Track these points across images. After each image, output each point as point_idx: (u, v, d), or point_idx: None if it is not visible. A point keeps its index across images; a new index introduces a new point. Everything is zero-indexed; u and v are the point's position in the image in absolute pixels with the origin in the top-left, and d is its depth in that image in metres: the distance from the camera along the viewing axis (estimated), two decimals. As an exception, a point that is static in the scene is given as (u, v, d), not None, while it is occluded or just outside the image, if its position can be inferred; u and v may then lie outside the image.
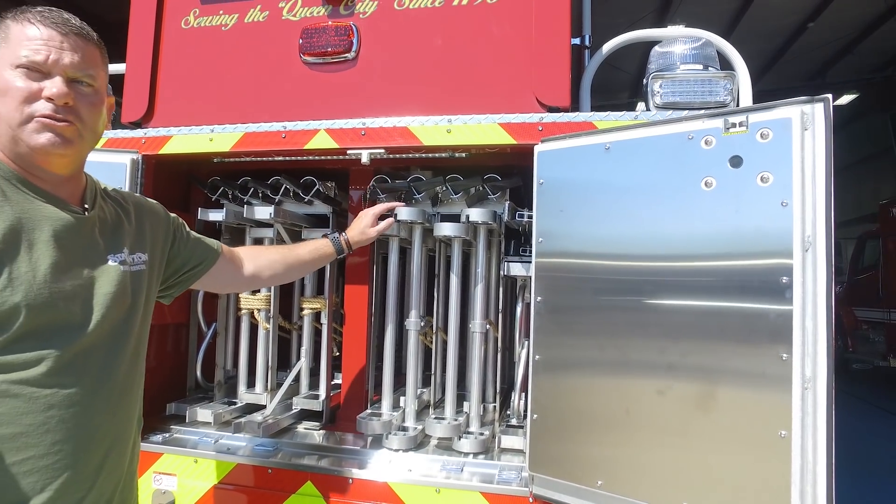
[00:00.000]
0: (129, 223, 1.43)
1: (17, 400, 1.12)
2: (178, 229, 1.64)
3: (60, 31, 1.21)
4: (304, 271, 2.07)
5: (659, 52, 2.09)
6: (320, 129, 2.19)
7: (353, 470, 2.10)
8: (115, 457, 1.30)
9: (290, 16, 2.35)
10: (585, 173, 1.84)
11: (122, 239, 1.38)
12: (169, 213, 1.62)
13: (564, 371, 1.86)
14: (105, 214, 1.37)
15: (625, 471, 1.70)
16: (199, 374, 2.71)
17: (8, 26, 1.20)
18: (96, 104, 1.27)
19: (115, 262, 1.33)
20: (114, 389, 1.28)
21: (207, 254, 1.69)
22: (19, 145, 1.19)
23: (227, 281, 1.84)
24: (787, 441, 1.47)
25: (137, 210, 1.49)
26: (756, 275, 1.52)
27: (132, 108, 2.46)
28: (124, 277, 1.34)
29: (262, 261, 1.86)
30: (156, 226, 1.53)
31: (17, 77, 1.17)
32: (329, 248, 2.02)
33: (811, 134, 1.52)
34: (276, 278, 1.94)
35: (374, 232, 2.13)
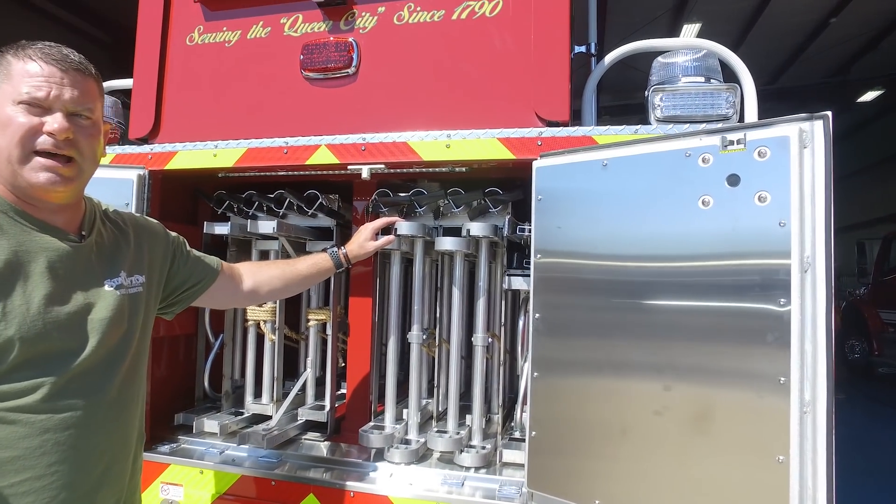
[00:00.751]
0: (127, 245, 1.46)
1: (15, 426, 1.16)
2: (179, 248, 1.67)
3: (60, 67, 1.24)
4: (303, 286, 2.07)
5: (661, 64, 2.07)
6: (321, 145, 2.20)
7: (355, 483, 2.11)
8: (113, 474, 1.33)
9: (292, 32, 2.37)
10: (583, 189, 1.83)
11: (120, 262, 1.41)
12: (169, 233, 1.66)
13: (562, 388, 1.85)
14: (103, 238, 1.40)
15: (622, 491, 1.69)
16: (207, 385, 2.75)
17: (9, 62, 1.23)
18: (94, 135, 1.32)
19: (112, 286, 1.36)
20: (109, 409, 1.31)
21: (206, 273, 1.72)
22: (18, 179, 1.22)
23: (227, 298, 1.87)
24: (785, 466, 1.44)
25: (136, 231, 1.52)
26: (753, 296, 1.50)
27: (139, 125, 2.50)
28: (121, 301, 1.37)
29: (261, 277, 1.88)
30: (154, 246, 1.56)
31: (18, 113, 1.20)
32: (328, 263, 2.04)
33: (810, 152, 1.49)
34: (274, 293, 1.95)
35: (372, 246, 2.14)
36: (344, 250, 2.09)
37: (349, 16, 2.32)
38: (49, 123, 1.21)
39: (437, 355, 2.56)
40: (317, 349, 2.69)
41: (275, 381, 2.60)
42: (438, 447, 2.25)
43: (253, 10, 2.43)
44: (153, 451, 2.32)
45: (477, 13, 2.19)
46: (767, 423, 1.46)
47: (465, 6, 2.20)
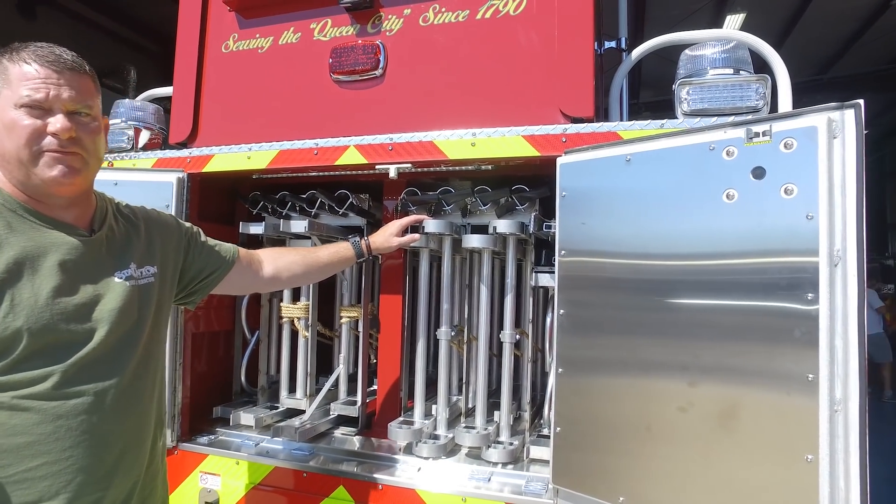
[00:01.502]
0: (138, 238, 1.51)
1: (29, 413, 1.22)
2: (193, 238, 1.71)
3: (55, 68, 1.28)
4: (323, 273, 2.09)
5: (688, 57, 2.03)
6: (350, 146, 2.25)
7: (384, 476, 2.16)
8: (129, 459, 1.38)
9: (321, 36, 2.44)
10: (607, 185, 1.82)
11: (131, 255, 1.46)
12: (182, 224, 1.71)
13: (587, 384, 1.84)
14: (114, 233, 1.45)
15: (647, 488, 1.67)
16: (244, 380, 2.85)
17: (6, 67, 1.27)
18: (95, 130, 1.36)
19: (122, 278, 1.41)
20: (122, 396, 1.35)
21: (222, 261, 1.76)
22: (31, 178, 1.28)
23: (247, 284, 1.90)
24: (814, 465, 1.40)
25: (147, 224, 1.57)
26: (780, 291, 1.46)
27: (178, 130, 2.62)
28: (131, 292, 1.41)
29: (281, 263, 1.91)
30: (166, 238, 1.60)
31: (21, 116, 1.25)
32: (349, 252, 2.06)
33: (840, 142, 1.44)
34: (295, 279, 1.98)
35: (397, 242, 2.16)
36: (367, 241, 2.12)
37: (376, 19, 2.37)
38: (52, 124, 1.27)
39: (466, 352, 2.58)
40: (349, 346, 2.76)
41: (308, 376, 2.68)
42: (466, 443, 2.27)
43: (284, 16, 2.51)
44: (193, 443, 2.43)
45: (501, 12, 2.20)
46: (795, 420, 1.43)
47: (489, 5, 2.21)
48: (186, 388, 2.48)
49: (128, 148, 2.65)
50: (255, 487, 2.29)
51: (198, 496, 2.38)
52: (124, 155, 2.61)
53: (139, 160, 2.57)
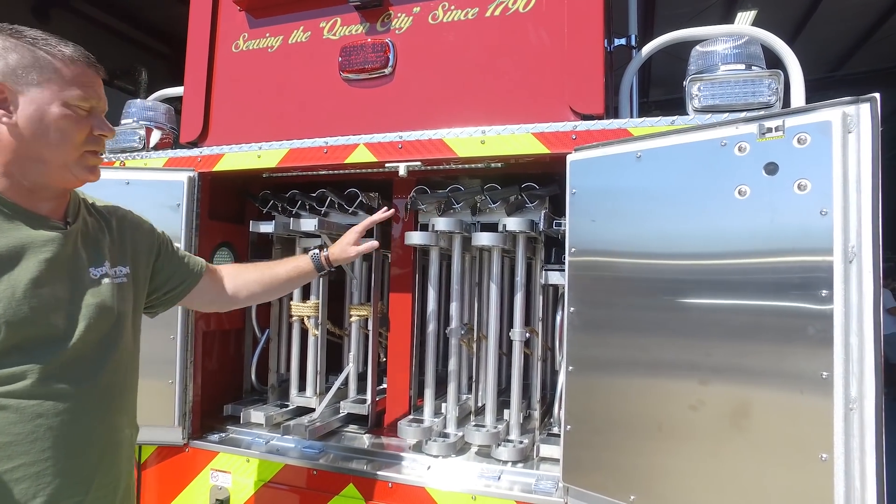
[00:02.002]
0: (111, 236, 1.46)
1: (5, 411, 1.17)
2: (164, 245, 1.65)
3: (96, 72, 1.31)
4: (284, 289, 2.02)
5: (699, 53, 2.01)
6: (359, 144, 2.26)
7: (393, 474, 2.16)
8: (108, 461, 1.34)
9: (331, 35, 2.44)
10: (617, 182, 1.81)
11: (104, 252, 1.41)
12: (155, 229, 1.65)
13: (598, 382, 1.83)
14: (88, 228, 1.40)
15: (658, 487, 1.66)
16: (254, 378, 2.86)
17: (50, 61, 1.24)
18: None
19: (97, 274, 1.36)
20: (101, 397, 1.31)
21: (190, 273, 1.70)
22: (66, 175, 1.29)
23: (209, 300, 1.82)
24: (829, 465, 1.39)
25: (120, 223, 1.51)
26: (793, 288, 1.45)
27: (189, 129, 2.63)
28: (108, 290, 1.37)
29: (240, 281, 1.85)
30: (139, 240, 1.55)
31: (73, 115, 1.26)
32: (309, 266, 1.98)
33: (855, 137, 1.42)
34: (254, 298, 1.92)
35: (354, 251, 2.06)
36: (326, 253, 2.03)
37: (385, 17, 2.37)
38: (99, 126, 1.31)
39: (475, 350, 2.58)
40: (359, 344, 2.76)
41: (318, 374, 2.69)
42: (476, 441, 2.27)
43: (294, 15, 2.51)
44: (204, 440, 2.44)
45: (510, 9, 2.20)
46: (809, 419, 1.41)
47: (498, 3, 2.21)
48: (197, 386, 2.49)
49: (139, 147, 2.67)
50: (265, 485, 2.30)
51: (209, 493, 2.40)
52: (136, 154, 2.63)
53: (150, 159, 2.58)
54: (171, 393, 2.37)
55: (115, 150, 2.70)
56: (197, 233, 2.43)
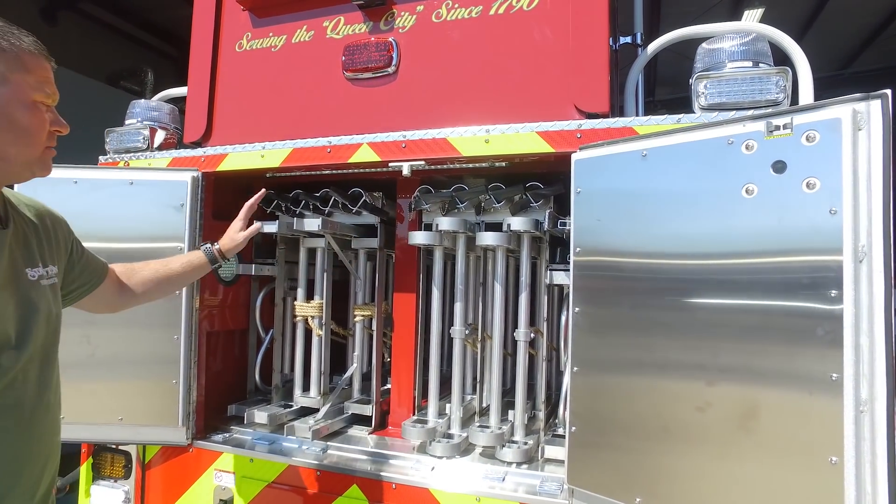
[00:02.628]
0: (43, 235, 1.40)
1: None
2: (74, 244, 1.59)
3: (51, 63, 1.25)
4: (180, 284, 2.01)
5: (705, 50, 1.98)
6: (363, 143, 2.25)
7: (397, 475, 2.15)
8: (51, 464, 1.34)
9: (334, 34, 2.43)
10: (623, 181, 1.79)
11: (36, 252, 1.35)
12: (69, 227, 1.57)
13: (603, 383, 1.81)
14: (18, 227, 1.32)
15: (664, 489, 1.64)
16: (258, 378, 2.86)
17: (16, 54, 1.18)
18: None
19: (35, 276, 1.31)
20: (49, 402, 1.31)
21: (94, 274, 1.65)
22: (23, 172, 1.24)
23: (106, 302, 1.75)
24: (839, 468, 1.36)
25: (45, 221, 1.44)
26: (801, 288, 1.42)
27: (193, 129, 2.63)
28: (45, 292, 1.33)
29: (135, 280, 1.80)
30: (60, 237, 1.49)
31: (40, 112, 1.21)
32: (202, 259, 1.97)
33: (866, 134, 1.40)
34: (150, 294, 1.86)
35: (241, 237, 2.06)
36: (217, 245, 2.02)
37: (389, 16, 2.36)
38: (56, 123, 1.25)
39: (480, 350, 2.56)
40: (363, 344, 2.75)
41: (322, 375, 2.68)
42: (480, 442, 2.25)
43: (297, 15, 2.51)
44: (207, 440, 2.44)
45: (514, 7, 2.18)
46: (818, 421, 1.38)
47: (502, 1, 2.19)
48: (201, 386, 2.49)
49: (143, 148, 2.67)
50: (269, 486, 2.30)
51: (212, 494, 2.39)
52: (140, 154, 2.63)
53: (154, 159, 2.58)
54: (174, 393, 2.37)
55: (119, 150, 2.70)
56: (200, 233, 2.42)
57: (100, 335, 2.31)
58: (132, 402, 2.36)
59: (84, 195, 2.33)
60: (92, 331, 2.29)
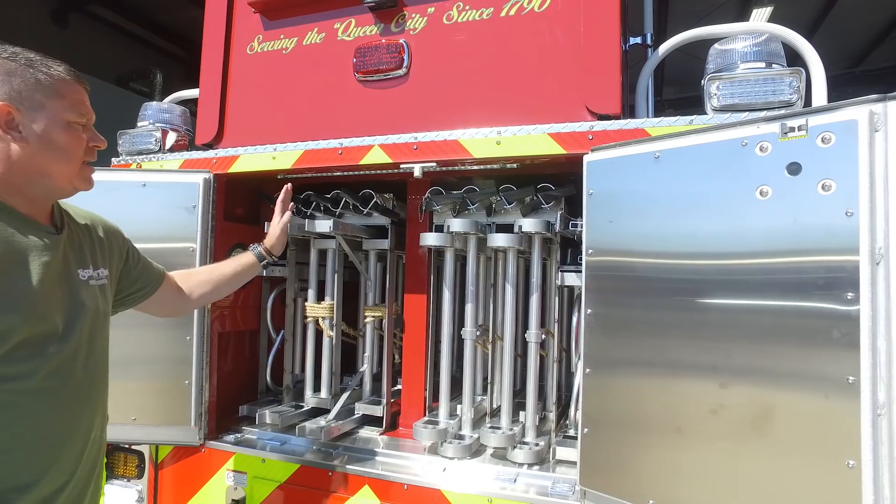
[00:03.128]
0: (93, 240, 1.57)
1: (10, 403, 1.27)
2: (130, 251, 1.76)
3: (84, 86, 1.42)
4: (233, 286, 2.12)
5: (718, 51, 1.98)
6: (374, 145, 2.25)
7: (409, 476, 2.15)
8: (90, 448, 1.47)
9: (345, 36, 2.44)
10: (635, 183, 1.78)
11: (88, 256, 1.52)
12: (124, 235, 1.75)
13: (615, 385, 1.81)
14: (72, 233, 1.50)
15: (677, 491, 1.63)
16: (269, 379, 2.87)
17: (51, 82, 1.34)
18: None
19: (85, 276, 1.47)
20: (91, 390, 1.45)
21: (152, 279, 1.81)
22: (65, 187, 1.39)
23: (166, 306, 1.91)
24: (857, 472, 1.35)
25: (98, 229, 1.62)
26: (817, 290, 1.42)
27: (204, 131, 2.65)
28: (94, 291, 1.49)
29: (192, 283, 1.96)
30: (113, 244, 1.66)
31: (75, 132, 1.37)
32: (251, 258, 2.12)
33: (882, 136, 1.39)
34: (205, 297, 2.01)
35: (278, 229, 2.20)
36: (264, 245, 2.18)
37: (399, 18, 2.36)
38: (95, 139, 1.42)
39: (491, 352, 2.56)
40: (373, 345, 2.76)
41: (333, 376, 2.69)
42: (491, 443, 2.25)
43: (308, 17, 2.52)
44: (220, 440, 2.45)
45: (526, 8, 2.18)
46: (835, 424, 1.38)
47: (513, 2, 2.19)
48: (213, 386, 2.50)
49: (155, 149, 2.68)
50: (281, 486, 2.31)
51: (224, 494, 2.41)
52: (152, 156, 2.65)
53: (166, 161, 2.60)
54: (187, 393, 2.38)
55: (131, 153, 2.72)
56: (212, 234, 2.44)
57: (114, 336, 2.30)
58: (145, 403, 2.38)
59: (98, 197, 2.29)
60: (106, 331, 2.31)
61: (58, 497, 1.35)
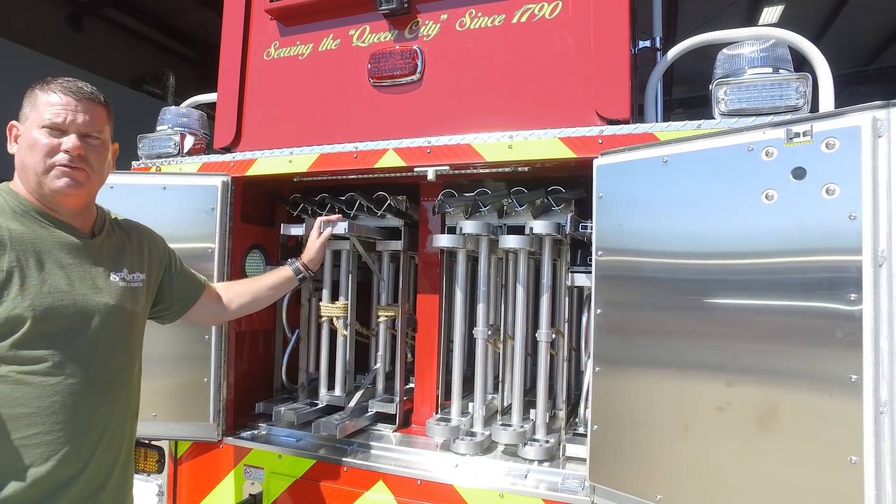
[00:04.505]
0: (131, 246, 1.72)
1: (29, 387, 1.40)
2: (173, 260, 1.90)
3: (75, 97, 1.50)
4: (270, 298, 2.23)
5: (726, 56, 2.02)
6: (389, 149, 2.31)
7: (422, 472, 2.21)
8: (109, 439, 1.56)
9: (360, 42, 2.50)
10: (644, 187, 1.83)
11: (124, 260, 1.67)
12: (167, 246, 1.91)
13: (624, 383, 1.86)
14: (112, 239, 1.67)
15: (684, 487, 1.68)
16: (285, 377, 2.94)
17: (36, 95, 1.50)
18: (102, 152, 1.57)
19: (116, 278, 1.61)
20: (109, 384, 1.55)
21: (194, 288, 1.96)
22: (43, 188, 1.48)
23: (208, 314, 2.04)
24: (859, 468, 1.39)
25: (139, 236, 1.78)
26: (821, 291, 1.45)
27: (222, 135, 2.72)
28: (124, 292, 1.62)
29: (231, 293, 2.08)
30: (154, 252, 1.81)
31: (42, 135, 1.47)
32: (289, 272, 2.23)
33: (886, 141, 1.42)
34: (244, 308, 2.13)
35: (317, 244, 2.31)
36: (302, 260, 2.29)
37: (413, 24, 2.42)
38: (65, 143, 1.48)
39: (502, 351, 2.61)
40: (386, 344, 2.81)
41: (347, 374, 2.75)
42: (503, 440, 2.30)
43: (324, 24, 2.58)
44: (237, 437, 2.52)
45: (537, 16, 2.23)
46: (838, 422, 1.42)
47: (524, 9, 2.24)
48: (230, 384, 2.57)
49: (174, 153, 2.76)
50: (297, 481, 2.37)
51: (242, 488, 2.48)
52: (171, 160, 2.72)
53: (185, 164, 2.67)
54: (206, 391, 2.45)
55: (151, 156, 2.80)
56: (230, 235, 2.51)
57: (135, 335, 2.40)
58: (165, 399, 2.44)
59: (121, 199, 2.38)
60: (127, 330, 2.38)
61: (72, 484, 1.45)
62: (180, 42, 11.74)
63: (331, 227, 2.36)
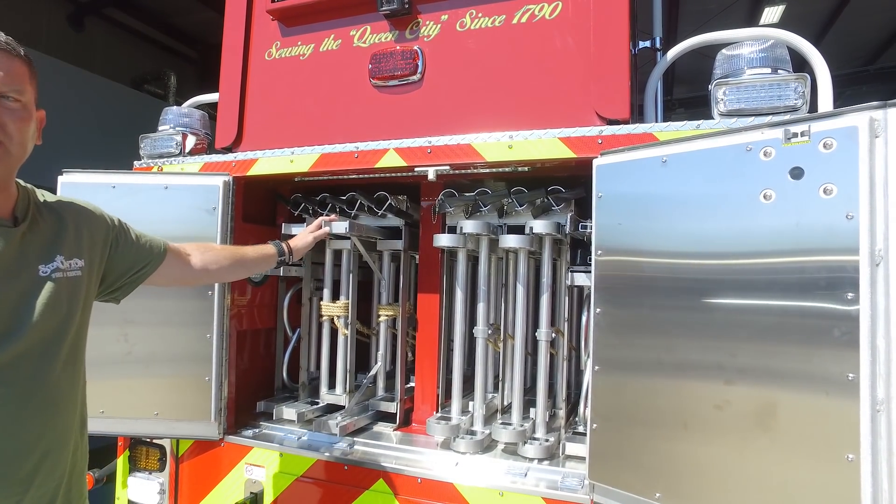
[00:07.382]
0: (65, 231, 1.41)
1: None
2: (122, 233, 1.62)
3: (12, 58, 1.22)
4: (249, 269, 2.17)
5: (725, 56, 2.03)
6: (389, 149, 2.32)
7: (422, 470, 2.22)
8: (51, 461, 1.30)
9: (361, 43, 2.51)
10: (643, 187, 1.84)
11: (58, 247, 1.37)
12: (111, 218, 1.61)
13: (623, 382, 1.87)
14: (39, 225, 1.35)
15: (683, 485, 1.69)
16: (286, 376, 2.95)
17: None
18: (24, 119, 1.26)
19: (47, 271, 1.32)
20: (47, 397, 1.29)
21: (152, 256, 1.69)
22: None
23: (177, 276, 1.82)
24: (856, 465, 1.40)
25: (75, 217, 1.47)
26: (818, 290, 1.46)
27: (224, 135, 2.73)
28: (57, 287, 1.33)
29: (210, 256, 1.91)
30: (94, 232, 1.51)
31: None
32: (272, 250, 2.18)
33: (883, 141, 1.43)
34: (222, 272, 1.97)
35: (311, 237, 2.31)
36: (288, 242, 2.26)
37: (414, 25, 2.43)
38: None
39: (502, 350, 2.62)
40: (387, 343, 2.83)
41: (347, 373, 2.75)
42: (503, 438, 2.31)
43: (325, 24, 2.59)
44: (238, 435, 2.53)
45: (537, 16, 2.24)
46: (835, 420, 1.43)
47: (525, 10, 2.25)
48: (232, 383, 2.58)
49: (176, 153, 2.77)
50: (297, 479, 2.38)
51: (243, 487, 2.49)
52: (173, 160, 2.73)
53: (187, 164, 2.68)
54: (207, 389, 2.46)
55: (153, 156, 2.81)
56: (231, 234, 2.52)
57: (136, 334, 2.42)
58: (167, 398, 2.46)
59: (122, 199, 2.43)
60: (129, 329, 2.40)
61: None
62: (182, 42, 11.76)
63: (328, 227, 2.36)
